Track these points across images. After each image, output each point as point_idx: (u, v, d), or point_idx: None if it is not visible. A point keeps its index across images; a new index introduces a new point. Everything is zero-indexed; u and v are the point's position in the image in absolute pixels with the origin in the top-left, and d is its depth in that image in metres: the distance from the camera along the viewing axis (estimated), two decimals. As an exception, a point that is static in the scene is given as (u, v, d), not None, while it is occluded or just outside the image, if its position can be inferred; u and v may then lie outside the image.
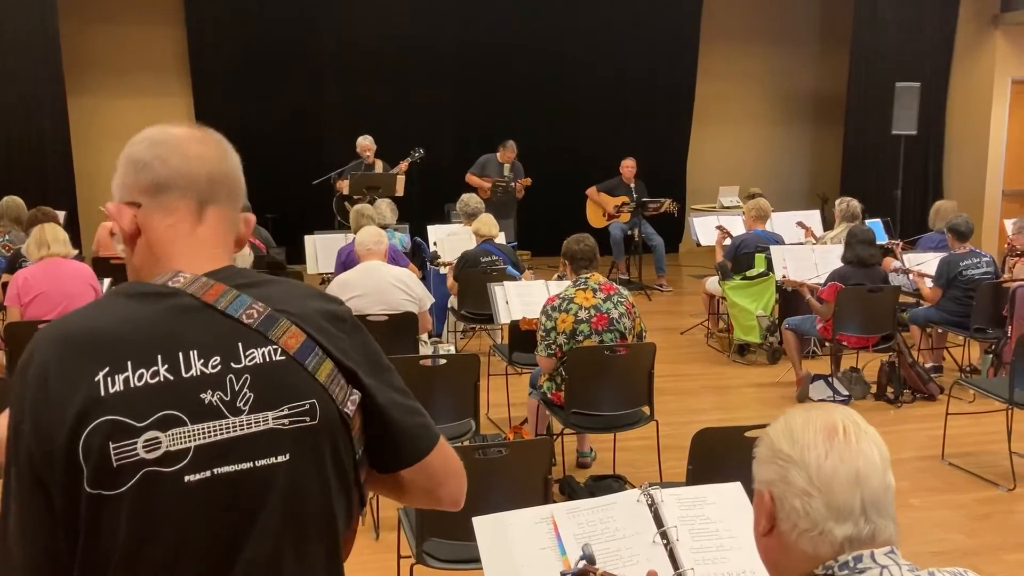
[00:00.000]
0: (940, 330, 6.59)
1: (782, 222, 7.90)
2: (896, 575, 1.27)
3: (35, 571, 1.23)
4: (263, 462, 1.27)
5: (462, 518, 2.04)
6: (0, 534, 1.25)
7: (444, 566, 3.05)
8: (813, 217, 8.52)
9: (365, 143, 9.00)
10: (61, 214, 6.77)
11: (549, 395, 4.54)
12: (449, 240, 7.42)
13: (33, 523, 1.22)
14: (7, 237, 6.69)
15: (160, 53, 10.30)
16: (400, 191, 8.59)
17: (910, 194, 10.46)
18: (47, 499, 1.21)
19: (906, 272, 6.68)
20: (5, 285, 5.48)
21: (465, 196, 7.71)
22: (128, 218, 1.36)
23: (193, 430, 1.23)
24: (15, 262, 5.95)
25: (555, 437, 4.72)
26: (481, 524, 2.15)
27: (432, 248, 7.49)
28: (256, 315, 1.30)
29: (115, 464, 1.20)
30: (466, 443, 4.00)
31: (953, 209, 7.27)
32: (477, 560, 2.13)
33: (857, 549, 1.28)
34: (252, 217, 1.47)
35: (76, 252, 5.43)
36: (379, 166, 8.94)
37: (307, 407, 1.29)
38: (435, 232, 7.74)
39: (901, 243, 7.60)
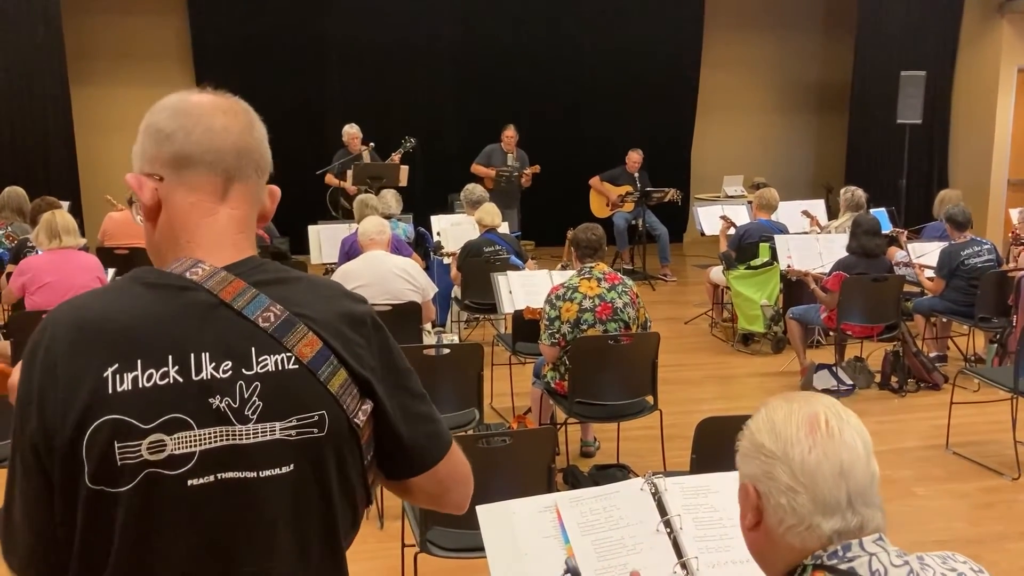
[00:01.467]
0: (944, 319, 6.58)
1: (787, 211, 7.88)
2: (884, 561, 1.27)
3: (35, 556, 1.23)
4: (267, 472, 1.24)
5: (466, 507, 2.05)
6: (6, 511, 1.24)
7: (448, 554, 3.06)
8: (818, 206, 8.51)
9: (352, 131, 8.95)
10: (65, 204, 6.77)
11: (553, 384, 4.54)
12: (453, 230, 7.42)
13: (35, 509, 1.21)
14: (10, 228, 6.69)
15: (163, 43, 10.29)
16: (404, 181, 8.57)
17: (915, 183, 10.43)
18: (48, 488, 1.20)
19: (908, 265, 6.66)
20: (9, 276, 5.49)
21: (470, 186, 7.71)
22: (149, 191, 1.30)
23: (199, 435, 1.20)
24: (20, 252, 5.96)
25: (559, 426, 4.73)
26: (485, 513, 2.15)
27: (435, 238, 7.49)
28: (273, 319, 1.25)
29: (119, 464, 1.17)
30: (470, 432, 4.01)
31: (958, 198, 7.25)
32: (481, 549, 2.13)
33: (846, 540, 1.28)
34: (277, 190, 1.41)
35: (84, 242, 5.44)
36: (366, 155, 8.89)
37: (316, 418, 1.26)
38: (438, 222, 7.74)
39: (906, 232, 7.58)
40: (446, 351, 4.31)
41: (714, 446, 3.23)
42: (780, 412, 1.33)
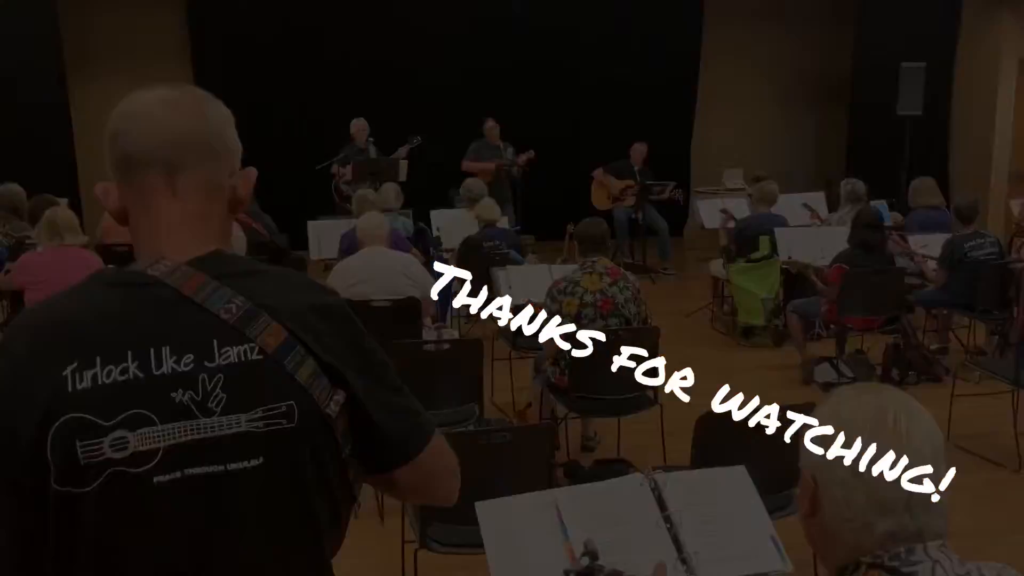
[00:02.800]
0: (946, 311, 6.57)
1: (787, 204, 7.85)
2: (948, 569, 1.24)
3: (17, 567, 1.22)
4: (235, 466, 1.22)
5: (466, 503, 2.04)
6: None
7: (448, 551, 3.06)
8: (818, 199, 8.48)
9: (360, 124, 8.98)
10: (63, 201, 6.74)
11: (553, 379, 4.53)
12: (452, 225, 7.40)
13: (8, 520, 1.20)
14: (8, 227, 6.66)
15: (162, 40, 10.26)
16: (403, 176, 8.57)
17: (915, 175, 10.36)
18: (20, 496, 1.19)
19: (910, 255, 6.65)
20: (8, 273, 5.48)
21: (469, 181, 7.70)
22: (113, 199, 1.31)
23: (162, 430, 1.19)
24: (19, 249, 5.94)
25: (559, 421, 4.72)
26: (484, 509, 2.15)
27: (435, 234, 7.48)
28: (235, 310, 1.23)
29: (82, 463, 1.16)
30: (470, 428, 4.00)
31: (931, 186, 7.27)
32: (481, 545, 2.13)
33: (904, 544, 1.24)
34: (252, 172, 1.37)
35: (86, 240, 5.42)
36: (372, 150, 8.90)
37: (283, 409, 1.23)
38: (438, 217, 7.72)
39: (895, 233, 7.50)
40: (446, 346, 4.31)
41: (715, 441, 3.22)
42: (848, 404, 1.29)
